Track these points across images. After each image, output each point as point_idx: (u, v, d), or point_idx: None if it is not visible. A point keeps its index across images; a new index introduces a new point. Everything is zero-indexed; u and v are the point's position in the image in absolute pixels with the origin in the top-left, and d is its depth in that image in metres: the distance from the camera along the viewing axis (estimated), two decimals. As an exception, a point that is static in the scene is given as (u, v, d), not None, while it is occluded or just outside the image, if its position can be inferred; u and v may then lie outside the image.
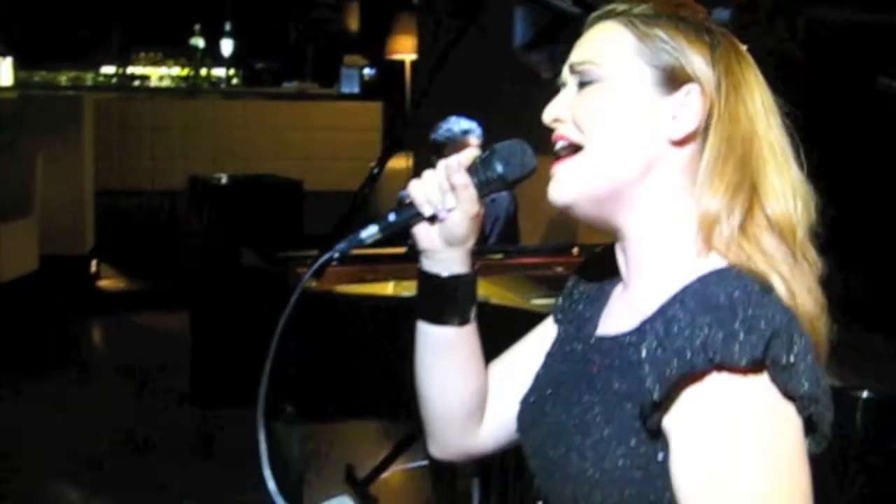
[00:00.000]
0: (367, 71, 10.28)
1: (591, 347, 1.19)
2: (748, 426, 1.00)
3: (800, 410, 1.02)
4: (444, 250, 1.21)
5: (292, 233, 4.72)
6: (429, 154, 3.86)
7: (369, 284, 2.83)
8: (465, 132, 3.79)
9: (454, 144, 3.73)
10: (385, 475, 3.94)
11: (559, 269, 3.14)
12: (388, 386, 2.52)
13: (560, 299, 1.34)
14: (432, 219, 1.20)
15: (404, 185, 5.14)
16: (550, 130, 1.18)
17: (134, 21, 10.27)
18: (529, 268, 3.15)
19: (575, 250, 3.26)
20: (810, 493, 1.02)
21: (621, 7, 1.15)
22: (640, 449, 1.06)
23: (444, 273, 1.22)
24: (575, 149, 1.15)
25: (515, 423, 1.27)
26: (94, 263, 6.89)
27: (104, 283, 6.99)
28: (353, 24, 11.34)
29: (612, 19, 1.15)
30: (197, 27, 10.19)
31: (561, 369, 1.23)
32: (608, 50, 1.13)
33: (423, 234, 1.22)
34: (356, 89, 10.09)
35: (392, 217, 1.21)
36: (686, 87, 1.11)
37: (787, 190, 1.11)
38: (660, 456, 1.05)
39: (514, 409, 1.27)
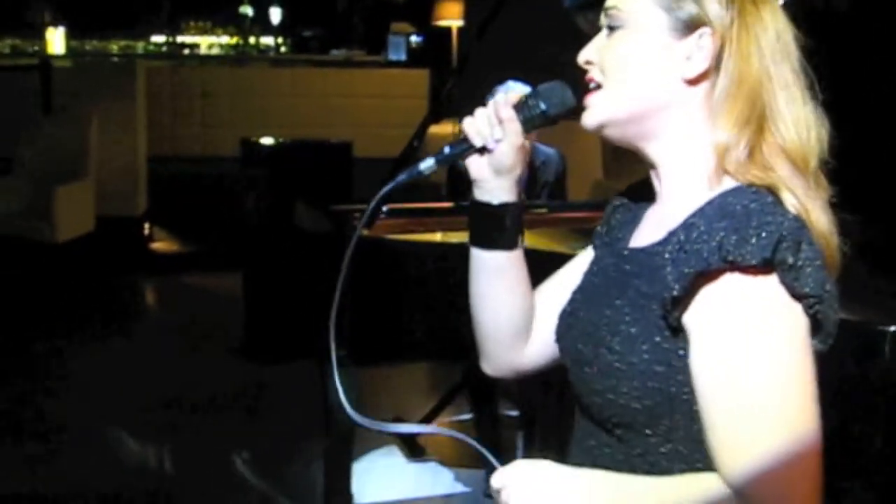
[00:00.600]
0: (413, 38, 10.35)
1: (623, 259, 1.29)
2: (757, 321, 1.10)
3: (805, 309, 1.12)
4: (493, 179, 1.32)
5: (342, 196, 4.84)
6: None
7: (417, 234, 2.93)
8: (512, 90, 3.86)
9: None
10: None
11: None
12: (437, 329, 2.63)
13: (599, 227, 1.45)
14: (482, 150, 1.31)
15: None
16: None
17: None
18: (573, 221, 3.24)
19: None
20: (814, 385, 1.11)
21: None
22: (664, 345, 1.16)
23: (494, 201, 1.33)
24: (598, 87, 1.27)
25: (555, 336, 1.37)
26: (146, 226, 7.05)
27: (157, 245, 7.16)
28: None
29: None
30: (246, -5, 10.32)
31: (594, 281, 1.34)
32: None
33: (475, 164, 1.32)
34: (403, 56, 10.18)
35: (447, 150, 1.32)
36: (699, 31, 1.20)
37: (799, 122, 1.20)
38: (680, 352, 1.15)
39: (555, 325, 1.38)
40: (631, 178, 1.46)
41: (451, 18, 7.72)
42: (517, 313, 1.40)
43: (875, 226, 1.97)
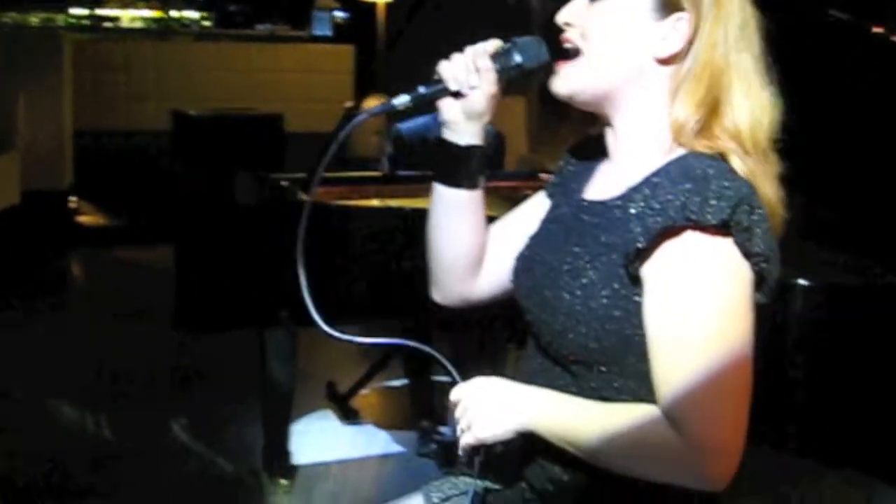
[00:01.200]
0: (338, 14, 10.38)
1: (580, 209, 1.44)
2: (709, 273, 1.26)
3: (752, 266, 1.28)
4: (463, 122, 1.45)
5: (274, 168, 4.93)
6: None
7: (355, 201, 3.04)
8: None
9: None
10: (364, 392, 4.19)
11: (528, 192, 3.38)
12: (376, 290, 2.75)
13: (553, 177, 1.60)
14: (456, 94, 1.43)
15: (379, 126, 5.43)
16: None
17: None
18: (502, 190, 3.39)
19: (543, 176, 3.51)
20: (750, 333, 1.28)
21: None
22: (622, 291, 1.31)
23: (462, 142, 1.46)
24: (576, 52, 1.40)
25: (509, 276, 1.52)
26: (72, 199, 7.03)
27: (83, 219, 7.14)
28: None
29: None
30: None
31: (552, 228, 1.49)
32: None
33: (448, 106, 1.45)
34: (328, 32, 10.20)
35: (422, 89, 1.44)
36: (677, 14, 1.35)
37: (753, 106, 1.35)
38: (636, 298, 1.30)
39: (508, 264, 1.53)
40: (554, 152, 1.60)
41: (379, -6, 7.75)
42: (472, 248, 1.54)
43: (821, 204, 2.15)
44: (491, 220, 1.63)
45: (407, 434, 3.84)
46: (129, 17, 10.71)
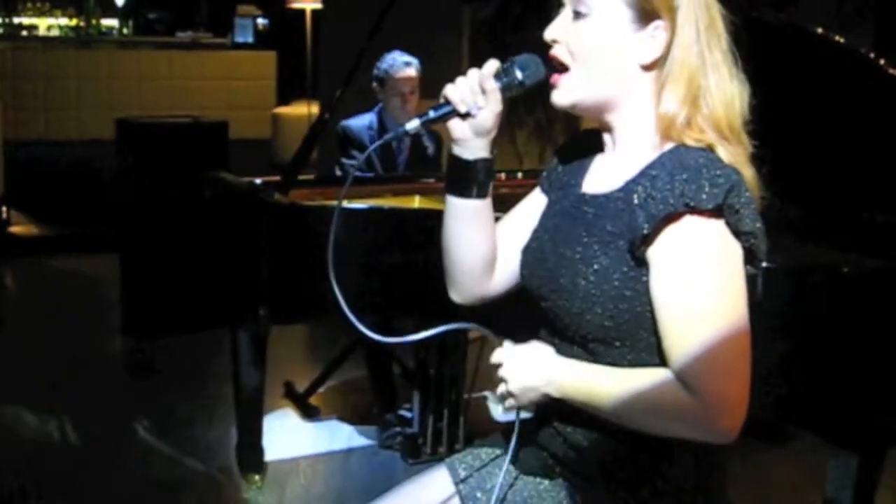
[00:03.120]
0: (260, 20, 10.41)
1: (582, 202, 1.59)
2: (708, 251, 1.43)
3: (743, 243, 1.45)
4: (472, 139, 1.58)
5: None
6: (373, 84, 4.17)
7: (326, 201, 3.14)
8: (407, 63, 4.11)
9: (394, 76, 4.06)
10: (321, 389, 4.28)
11: (503, 191, 3.56)
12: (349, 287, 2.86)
13: (546, 173, 1.76)
14: (465, 115, 1.55)
15: (304, 131, 5.48)
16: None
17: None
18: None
19: (519, 175, 3.70)
20: (745, 299, 1.45)
21: None
22: (630, 273, 1.47)
23: (471, 157, 1.59)
24: (566, 67, 1.55)
25: (518, 268, 1.66)
26: (4, 210, 6.97)
27: (15, 229, 7.09)
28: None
29: None
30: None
31: (555, 221, 1.64)
32: None
33: (457, 126, 1.57)
34: (250, 39, 10.22)
35: (431, 113, 1.56)
36: (654, 23, 1.50)
37: (725, 95, 1.52)
38: (643, 278, 1.46)
39: (516, 259, 1.67)
40: (501, 160, 1.75)
41: (307, 1, 7.85)
42: (486, 250, 1.68)
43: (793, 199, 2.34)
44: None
45: (367, 428, 3.96)
46: (47, 24, 10.58)
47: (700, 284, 1.42)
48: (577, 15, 1.53)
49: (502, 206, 1.75)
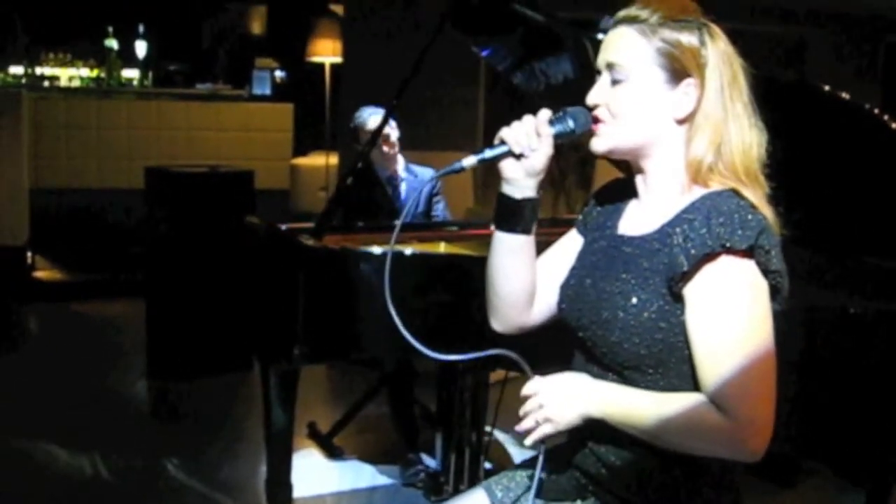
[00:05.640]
0: (278, 73, 10.63)
1: (620, 242, 1.75)
2: (741, 288, 1.59)
3: (770, 281, 1.61)
4: (523, 179, 1.73)
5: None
6: (349, 138, 4.50)
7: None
8: (374, 114, 4.34)
9: (364, 128, 4.31)
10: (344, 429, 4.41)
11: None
12: (378, 329, 2.99)
13: (581, 216, 1.92)
14: (519, 156, 1.70)
15: (322, 181, 5.61)
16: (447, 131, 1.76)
17: (40, 20, 10.40)
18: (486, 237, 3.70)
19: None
20: (772, 334, 1.60)
21: (637, 14, 1.68)
22: (666, 307, 1.62)
23: (519, 196, 1.75)
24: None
25: (556, 302, 1.81)
26: (29, 255, 7.14)
27: (40, 275, 7.26)
28: (258, 27, 11.69)
29: (630, 26, 1.69)
30: (110, 29, 10.38)
31: (594, 259, 1.79)
32: (631, 55, 1.68)
33: (509, 166, 1.73)
34: (268, 91, 10.43)
35: (487, 152, 1.71)
36: (686, 81, 1.67)
37: (744, 142, 1.68)
38: (678, 312, 1.61)
39: (554, 293, 1.83)
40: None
41: (327, 55, 8.06)
42: (529, 283, 1.83)
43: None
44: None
45: (390, 467, 4.08)
46: (68, 75, 10.81)
47: (733, 317, 1.57)
48: (615, 82, 1.69)
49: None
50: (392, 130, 4.30)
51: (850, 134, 2.50)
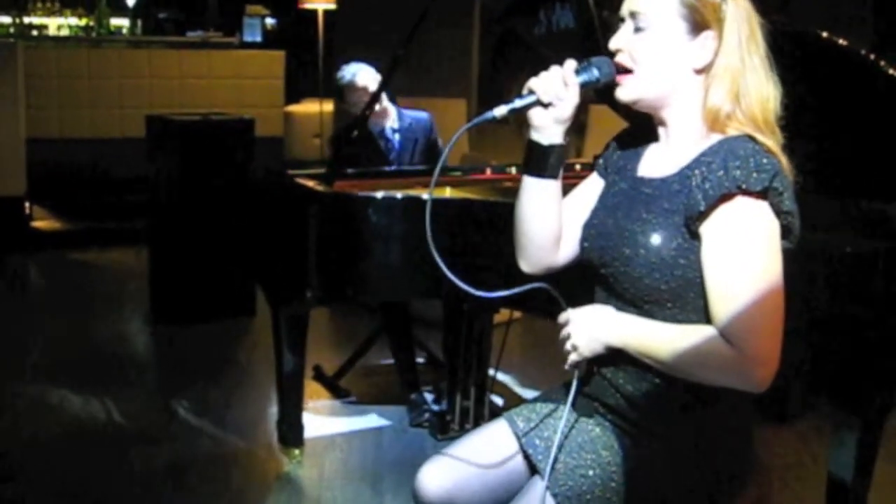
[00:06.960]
0: (269, 20, 10.60)
1: (640, 183, 1.84)
2: (754, 227, 1.68)
3: (782, 221, 1.70)
4: (551, 126, 1.81)
5: (246, 170, 5.23)
6: (335, 95, 4.50)
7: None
8: (356, 72, 4.34)
9: (352, 86, 4.32)
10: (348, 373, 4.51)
11: (507, 184, 3.79)
12: (389, 271, 3.09)
13: (601, 160, 2.00)
14: (547, 105, 1.78)
15: (315, 128, 5.67)
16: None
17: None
18: (487, 181, 3.80)
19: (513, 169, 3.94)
20: (781, 271, 1.69)
21: None
22: (685, 245, 1.72)
23: (546, 142, 1.84)
24: (629, 70, 1.79)
25: (580, 240, 1.90)
26: (27, 205, 7.19)
27: (38, 224, 7.32)
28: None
29: None
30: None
31: (615, 200, 1.88)
32: (654, 4, 1.76)
33: (538, 114, 1.81)
34: (258, 38, 10.41)
35: (517, 101, 1.78)
36: (705, 33, 1.76)
37: (762, 93, 1.77)
38: (696, 248, 1.71)
39: (578, 233, 1.92)
40: (495, 150, 1.97)
41: (320, 1, 8.04)
42: (556, 225, 1.92)
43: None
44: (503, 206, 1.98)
45: (395, 407, 4.19)
46: (57, 24, 10.75)
47: (746, 254, 1.66)
48: (638, 29, 1.77)
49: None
50: (371, 83, 4.28)
51: (848, 80, 2.57)
